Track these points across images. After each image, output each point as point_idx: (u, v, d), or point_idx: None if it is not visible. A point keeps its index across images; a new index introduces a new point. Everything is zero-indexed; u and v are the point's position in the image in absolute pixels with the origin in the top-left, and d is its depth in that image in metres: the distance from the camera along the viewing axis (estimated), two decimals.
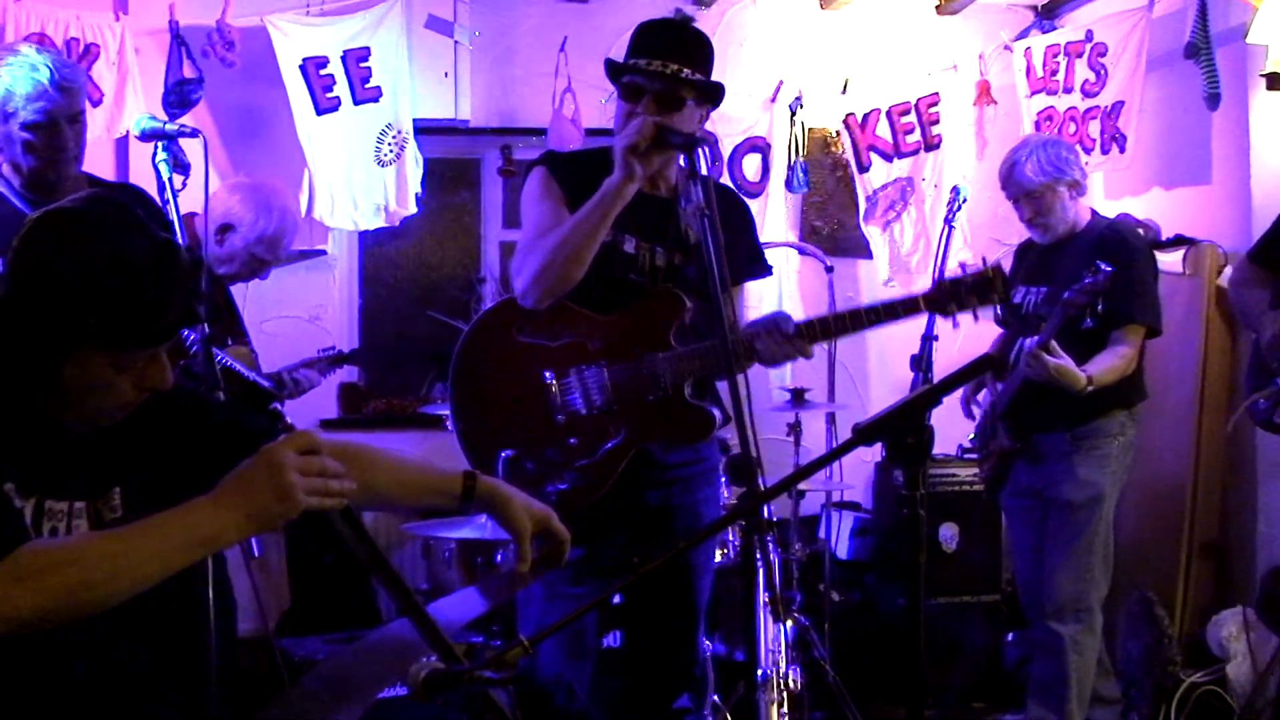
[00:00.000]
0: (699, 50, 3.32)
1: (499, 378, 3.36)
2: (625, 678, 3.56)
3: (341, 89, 5.68)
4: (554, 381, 3.29)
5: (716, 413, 3.29)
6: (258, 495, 1.90)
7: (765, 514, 2.98)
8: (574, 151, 3.50)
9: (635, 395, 3.26)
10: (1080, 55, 5.96)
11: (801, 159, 6.39)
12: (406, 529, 4.91)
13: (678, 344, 3.27)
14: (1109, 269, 4.09)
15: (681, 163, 3.22)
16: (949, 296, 3.33)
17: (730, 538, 4.71)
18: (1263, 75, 4.97)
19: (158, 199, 3.34)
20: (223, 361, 4.08)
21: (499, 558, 4.47)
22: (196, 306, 2.00)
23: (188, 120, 5.31)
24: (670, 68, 3.22)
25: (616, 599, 3.80)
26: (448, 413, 3.54)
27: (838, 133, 6.50)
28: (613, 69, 3.33)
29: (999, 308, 4.79)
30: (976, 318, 3.41)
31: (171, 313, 1.96)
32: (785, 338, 3.20)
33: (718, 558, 4.35)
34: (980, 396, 4.76)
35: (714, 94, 3.34)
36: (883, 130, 6.39)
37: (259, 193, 4.62)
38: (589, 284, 3.29)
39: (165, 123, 3.41)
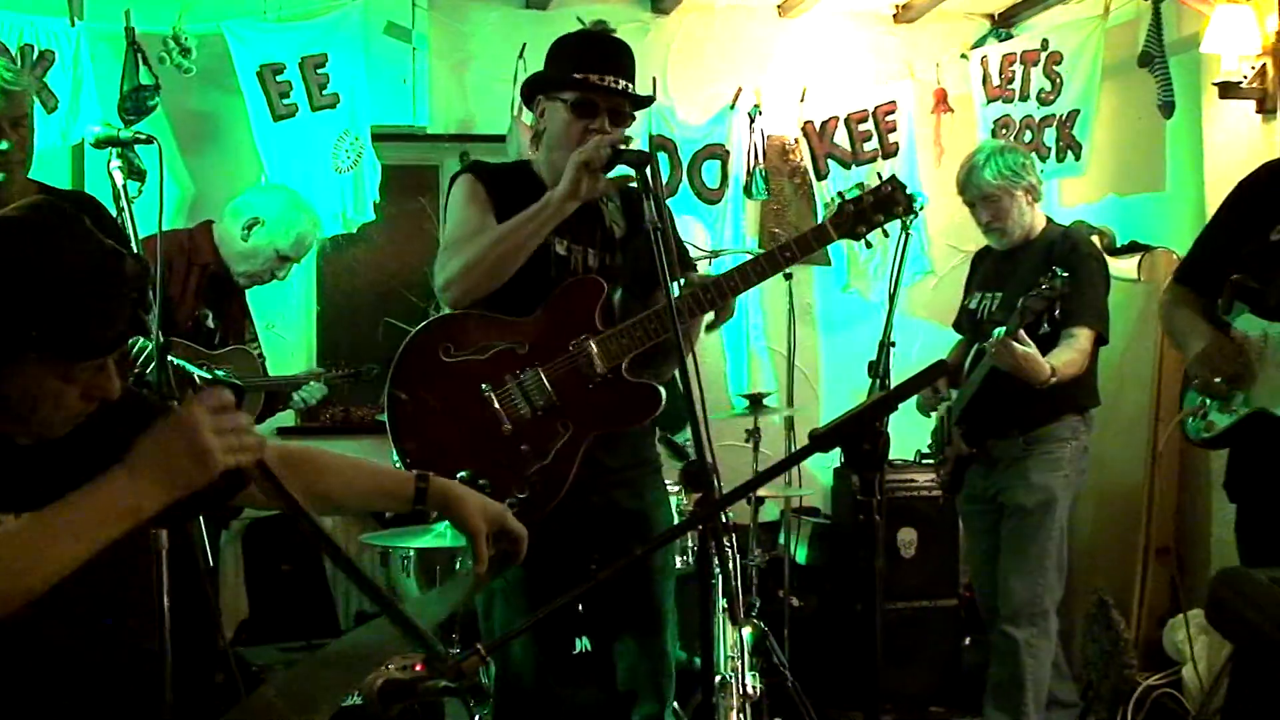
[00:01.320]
0: (632, 63, 3.37)
1: (437, 402, 3.33)
2: (598, 686, 3.55)
3: (299, 95, 5.66)
4: (492, 393, 3.28)
5: (660, 387, 3.28)
6: (174, 459, 1.84)
7: (723, 520, 2.98)
8: (494, 164, 3.53)
9: (575, 387, 3.25)
10: (1036, 64, 6.00)
11: (760, 166, 6.42)
12: (365, 540, 4.88)
13: (605, 328, 3.27)
14: (1064, 274, 4.13)
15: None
16: (855, 218, 3.36)
17: (690, 544, 4.71)
18: (1215, 84, 5.02)
19: (113, 207, 3.31)
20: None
21: (457, 565, 4.46)
22: (143, 316, 1.95)
23: (144, 127, 5.28)
24: (621, 83, 3.26)
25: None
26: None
27: (796, 140, 6.53)
28: (558, 81, 3.32)
29: (962, 317, 4.86)
30: (886, 234, 3.46)
31: (116, 323, 1.92)
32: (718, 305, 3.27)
33: (678, 564, 4.34)
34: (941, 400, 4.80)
35: (646, 107, 3.46)
36: (841, 138, 6.42)
37: (285, 191, 4.95)
38: (522, 288, 3.30)
39: (120, 129, 3.38)
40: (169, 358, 3.52)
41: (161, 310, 3.44)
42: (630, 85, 3.30)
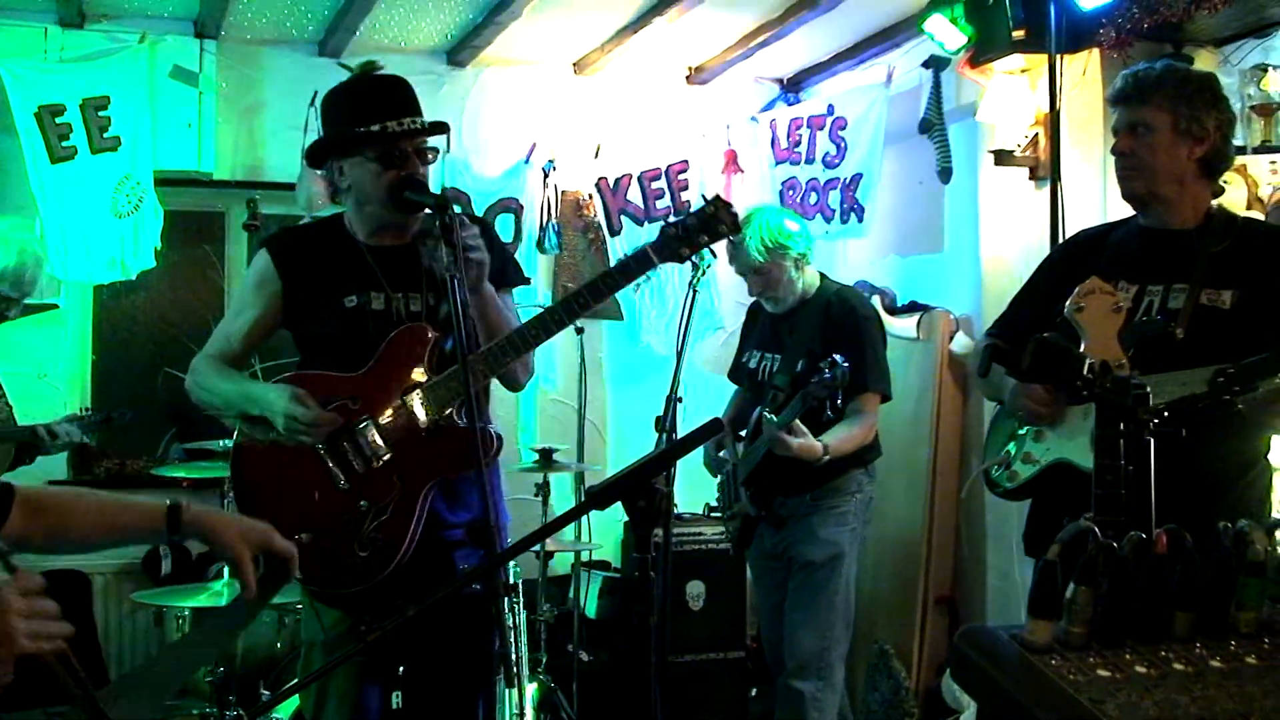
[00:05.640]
0: (414, 94, 3.32)
1: (274, 463, 3.25)
2: None
3: (79, 138, 5.50)
4: (325, 451, 3.21)
5: (494, 429, 3.23)
6: None
7: (506, 576, 2.95)
8: (303, 227, 3.45)
9: (409, 437, 3.19)
10: (822, 128, 6.18)
11: (554, 221, 6.45)
12: (138, 599, 4.71)
13: (436, 374, 3.21)
14: (845, 364, 4.15)
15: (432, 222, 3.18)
16: (678, 240, 3.30)
17: None
18: (991, 151, 5.23)
19: None
20: None
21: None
22: None
23: None
24: (419, 121, 3.22)
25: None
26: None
27: (590, 196, 6.59)
28: (354, 138, 3.22)
29: (741, 373, 4.93)
30: (714, 254, 3.43)
31: None
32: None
33: None
34: (723, 454, 4.85)
35: (445, 133, 3.40)
36: (634, 194, 6.51)
37: None
38: (344, 348, 3.24)
39: None
40: None
41: None
42: (425, 121, 3.25)
